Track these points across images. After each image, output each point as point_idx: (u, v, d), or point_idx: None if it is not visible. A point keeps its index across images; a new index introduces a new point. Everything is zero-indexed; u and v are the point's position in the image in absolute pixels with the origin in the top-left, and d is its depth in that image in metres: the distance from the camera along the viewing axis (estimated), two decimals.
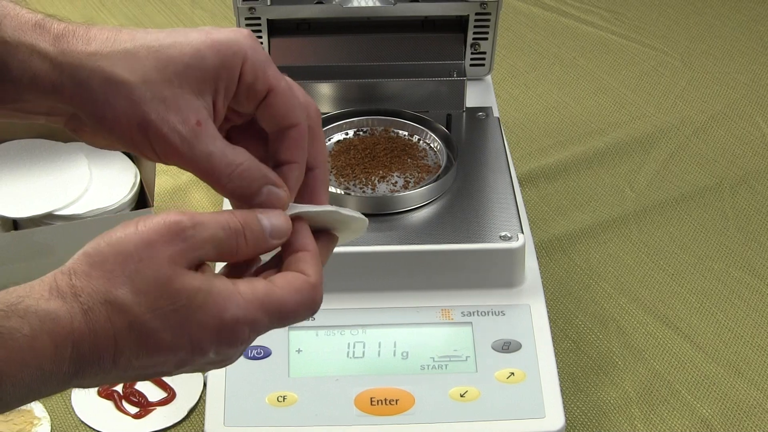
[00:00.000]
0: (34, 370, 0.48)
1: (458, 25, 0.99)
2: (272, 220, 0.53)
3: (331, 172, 0.88)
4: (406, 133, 0.93)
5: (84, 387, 0.80)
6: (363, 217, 0.57)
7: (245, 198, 0.54)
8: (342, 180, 0.87)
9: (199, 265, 0.51)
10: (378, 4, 0.96)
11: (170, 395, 0.86)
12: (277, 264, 0.55)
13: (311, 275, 0.53)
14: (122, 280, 0.49)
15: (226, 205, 0.75)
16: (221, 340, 0.51)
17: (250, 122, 0.57)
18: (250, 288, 0.51)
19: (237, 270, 0.55)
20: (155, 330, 0.49)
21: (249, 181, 0.53)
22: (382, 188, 0.86)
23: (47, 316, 0.48)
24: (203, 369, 0.54)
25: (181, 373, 0.53)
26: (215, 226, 0.51)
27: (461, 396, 0.76)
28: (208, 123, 0.53)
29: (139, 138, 0.52)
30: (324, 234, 0.57)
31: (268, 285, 0.52)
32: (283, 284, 0.52)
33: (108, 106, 0.51)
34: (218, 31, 0.53)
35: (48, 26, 0.52)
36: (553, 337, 0.80)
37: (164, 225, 0.50)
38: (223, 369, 0.76)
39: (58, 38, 0.52)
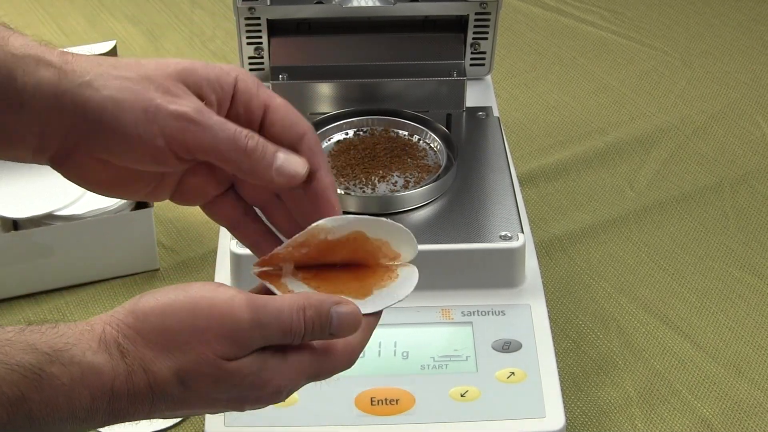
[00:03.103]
0: (66, 415, 0.48)
1: (458, 24, 0.99)
2: (342, 308, 0.53)
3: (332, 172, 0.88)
4: (406, 133, 0.93)
5: None
6: (407, 230, 0.56)
7: (262, 170, 0.53)
8: (342, 180, 0.87)
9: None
10: (378, 3, 0.96)
11: None
12: None
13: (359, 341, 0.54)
14: (166, 356, 0.50)
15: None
16: (260, 401, 0.53)
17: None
18: (299, 361, 0.53)
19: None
20: (193, 403, 0.51)
21: (263, 148, 0.53)
22: (382, 188, 0.86)
23: (91, 369, 0.48)
24: None
25: None
26: (277, 329, 0.51)
27: (462, 396, 0.76)
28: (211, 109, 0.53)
29: (144, 125, 0.51)
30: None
31: (317, 356, 0.53)
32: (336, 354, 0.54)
33: (110, 100, 0.51)
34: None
35: (53, 46, 0.54)
36: (553, 337, 0.80)
37: (220, 323, 0.50)
38: None
39: (63, 53, 0.53)
